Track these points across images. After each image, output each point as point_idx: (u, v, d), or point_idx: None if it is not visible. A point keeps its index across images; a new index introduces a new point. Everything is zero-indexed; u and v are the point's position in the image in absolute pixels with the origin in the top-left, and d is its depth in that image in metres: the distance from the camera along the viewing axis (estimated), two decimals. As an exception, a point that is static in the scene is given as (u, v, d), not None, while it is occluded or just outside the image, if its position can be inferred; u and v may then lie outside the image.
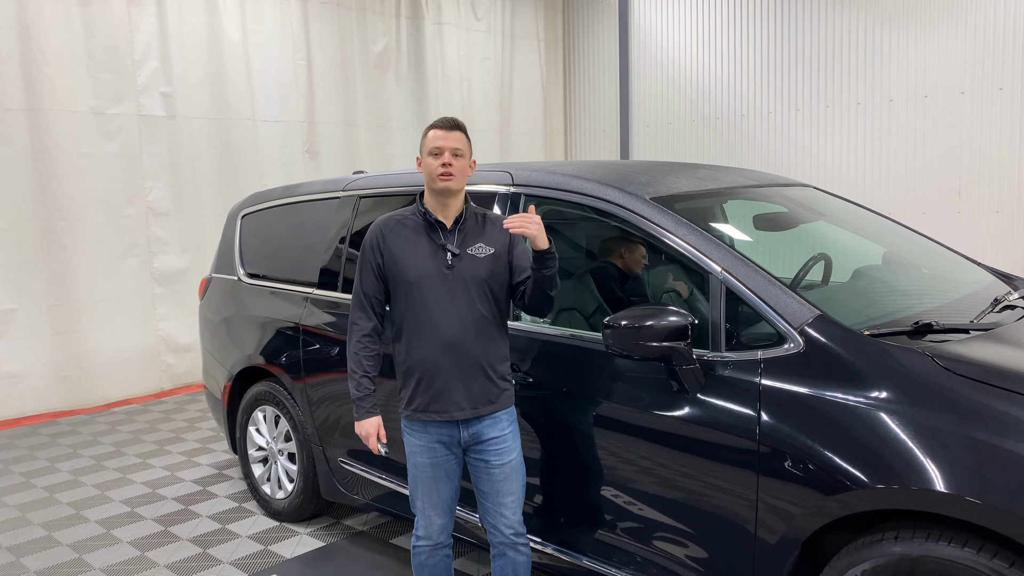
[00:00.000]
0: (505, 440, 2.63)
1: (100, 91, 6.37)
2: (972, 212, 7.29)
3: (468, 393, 2.57)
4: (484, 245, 2.61)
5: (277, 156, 7.52)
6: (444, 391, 2.56)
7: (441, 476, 2.64)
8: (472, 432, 2.60)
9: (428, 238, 2.61)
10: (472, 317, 2.56)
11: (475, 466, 2.66)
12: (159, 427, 5.85)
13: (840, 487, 2.12)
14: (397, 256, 2.60)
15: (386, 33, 8.40)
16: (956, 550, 1.95)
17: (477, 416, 2.58)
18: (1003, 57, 6.98)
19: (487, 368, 2.59)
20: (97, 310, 6.46)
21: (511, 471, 2.64)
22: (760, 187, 3.36)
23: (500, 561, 2.69)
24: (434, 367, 2.55)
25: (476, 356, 2.57)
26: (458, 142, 2.58)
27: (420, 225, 2.63)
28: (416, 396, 2.60)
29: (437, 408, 2.57)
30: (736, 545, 2.37)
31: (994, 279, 3.25)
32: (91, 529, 4.09)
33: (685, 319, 2.37)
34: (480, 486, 2.67)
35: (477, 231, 2.64)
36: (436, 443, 2.62)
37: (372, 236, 2.67)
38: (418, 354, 2.57)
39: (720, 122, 8.89)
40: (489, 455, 2.62)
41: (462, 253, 2.59)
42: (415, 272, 2.57)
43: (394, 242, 2.62)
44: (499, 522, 2.65)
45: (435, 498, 2.66)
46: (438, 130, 2.59)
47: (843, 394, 2.19)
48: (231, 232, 4.59)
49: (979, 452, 1.96)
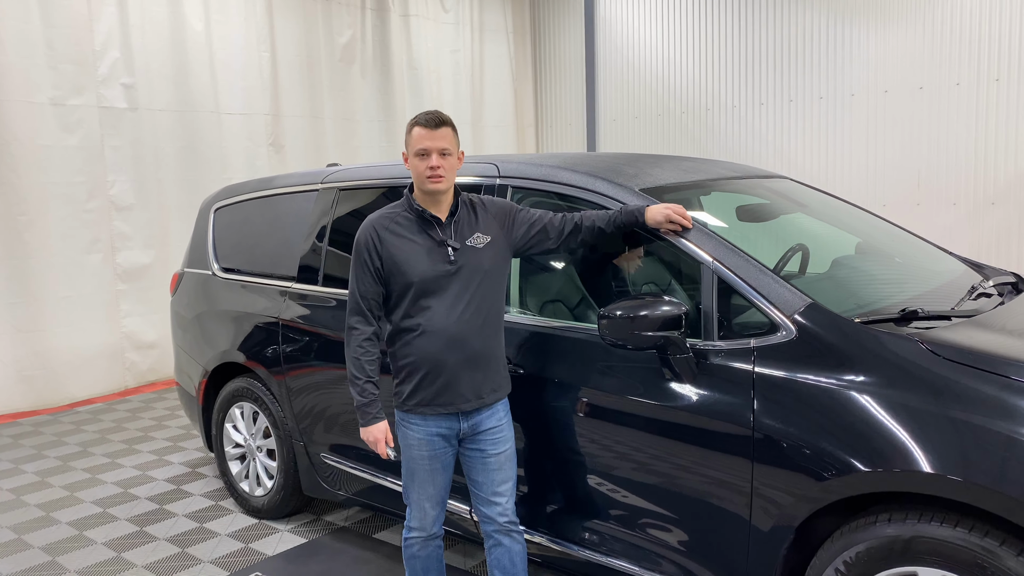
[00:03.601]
0: (502, 430, 2.64)
1: (60, 82, 6.19)
2: (930, 204, 7.48)
3: (473, 384, 2.56)
4: (481, 234, 2.60)
5: (241, 149, 7.40)
6: (450, 385, 2.54)
7: (438, 468, 2.63)
8: (472, 423, 2.60)
9: (426, 235, 2.56)
10: (477, 309, 2.55)
11: (470, 456, 2.65)
12: (126, 426, 5.73)
13: (833, 472, 2.16)
14: (397, 257, 2.54)
15: (351, 25, 8.31)
16: (948, 530, 2.01)
17: (481, 407, 2.58)
18: (959, 54, 7.17)
19: (491, 358, 2.59)
20: (59, 307, 6.29)
21: (505, 460, 2.65)
22: (741, 179, 3.41)
23: (497, 551, 2.69)
24: (440, 362, 2.52)
25: (481, 348, 2.55)
26: (444, 140, 2.51)
27: (414, 222, 2.58)
28: (420, 390, 2.56)
29: (443, 401, 2.55)
30: (731, 532, 2.40)
31: (966, 268, 3.34)
32: (63, 531, 3.99)
33: (679, 308, 2.40)
34: (474, 476, 2.66)
35: (471, 221, 2.62)
36: (435, 436, 2.60)
37: (366, 237, 2.59)
38: (423, 350, 2.53)
39: (685, 116, 8.98)
40: (485, 444, 2.62)
41: (462, 246, 2.56)
42: (418, 272, 2.52)
43: (391, 242, 2.56)
44: (493, 510, 2.65)
45: (431, 490, 2.65)
46: (422, 128, 2.52)
47: (836, 380, 2.23)
48: (204, 226, 4.50)
49: (966, 433, 2.01)
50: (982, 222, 7.25)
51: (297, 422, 3.74)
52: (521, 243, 2.69)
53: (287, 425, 3.79)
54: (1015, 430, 1.97)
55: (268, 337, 3.84)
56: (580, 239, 2.69)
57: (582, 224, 2.67)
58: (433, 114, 2.55)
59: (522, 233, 2.67)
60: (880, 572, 2.12)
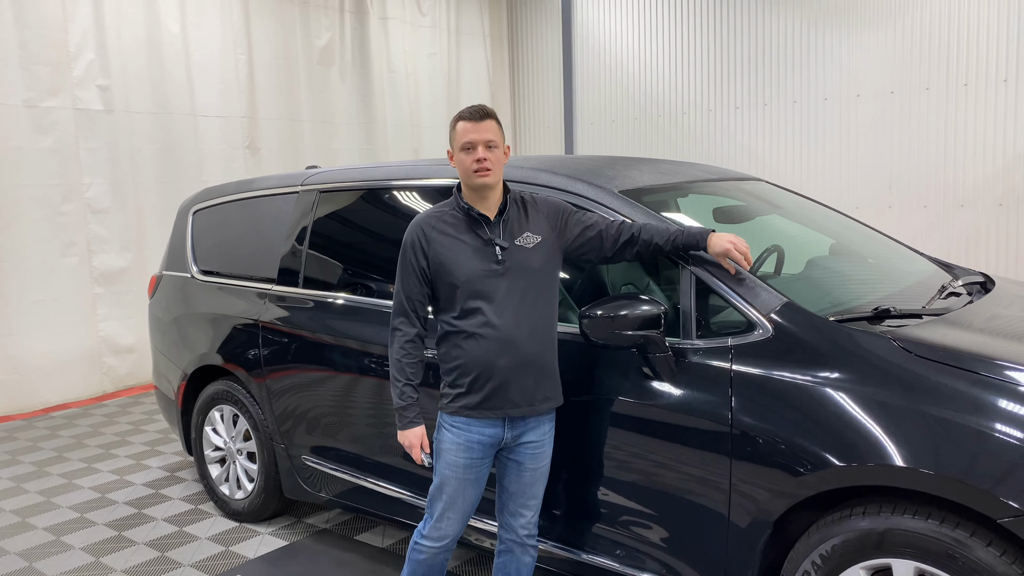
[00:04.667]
0: (544, 444, 2.57)
1: (33, 84, 6.13)
2: (902, 206, 7.62)
3: (524, 390, 2.47)
4: (531, 234, 2.51)
5: (218, 151, 7.36)
6: (500, 389, 2.45)
7: (471, 479, 2.54)
8: (516, 432, 2.52)
9: (474, 234, 2.48)
10: (527, 311, 2.46)
11: (506, 465, 2.59)
12: (103, 431, 5.68)
13: (809, 467, 2.21)
14: (444, 257, 2.47)
15: (330, 28, 8.30)
16: (920, 522, 2.06)
17: (530, 414, 2.50)
18: (929, 59, 7.31)
19: (544, 364, 2.51)
20: (33, 311, 6.22)
21: (541, 475, 2.60)
22: (718, 181, 3.47)
23: (505, 557, 2.67)
24: (491, 365, 2.44)
25: (532, 352, 2.47)
26: (490, 132, 2.44)
27: (462, 221, 2.50)
28: (469, 394, 2.47)
29: (491, 405, 2.46)
30: (711, 528, 2.44)
31: (936, 268, 3.42)
32: (40, 536, 3.95)
33: (658, 308, 2.44)
34: (506, 484, 2.61)
35: (521, 219, 2.53)
36: (475, 443, 2.50)
37: (413, 237, 2.51)
38: (473, 353, 2.45)
39: (662, 119, 9.06)
40: (525, 457, 2.56)
41: (511, 246, 2.48)
42: (465, 272, 2.44)
43: (438, 241, 2.48)
44: (517, 522, 2.61)
45: (459, 502, 2.55)
46: (466, 122, 2.45)
47: (811, 377, 2.28)
48: (182, 228, 4.48)
49: (938, 427, 2.07)
50: (952, 224, 7.40)
51: (278, 424, 3.73)
52: (573, 246, 2.60)
53: (267, 427, 3.79)
54: (984, 424, 2.03)
55: (248, 339, 3.84)
56: (636, 251, 2.58)
57: (639, 237, 2.56)
58: (477, 107, 2.48)
59: (575, 235, 2.58)
60: (855, 564, 2.17)
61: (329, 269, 3.62)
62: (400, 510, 3.29)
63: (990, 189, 7.18)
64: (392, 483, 3.30)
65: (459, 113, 2.49)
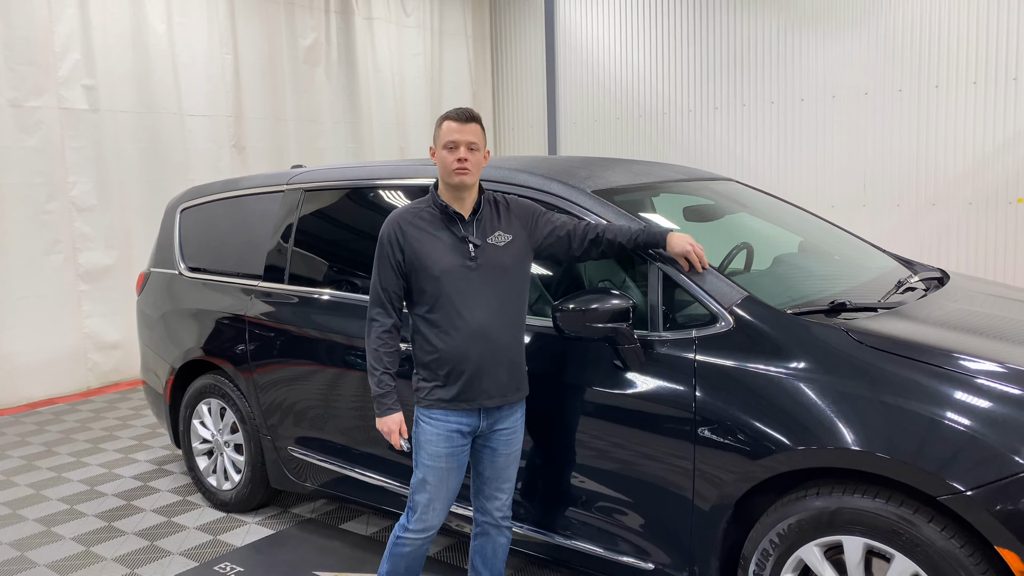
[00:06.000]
0: (516, 430, 2.70)
1: (19, 83, 6.19)
2: (876, 205, 7.81)
3: (498, 382, 2.59)
4: (503, 233, 2.63)
5: (204, 151, 7.43)
6: (474, 381, 2.57)
7: (453, 467, 2.65)
8: (491, 421, 2.64)
9: (449, 231, 2.59)
10: (499, 306, 2.58)
11: (481, 452, 2.70)
12: (90, 426, 5.75)
13: (766, 451, 2.35)
14: (419, 251, 2.57)
15: (315, 28, 8.39)
16: (868, 501, 2.21)
17: (504, 404, 2.63)
18: (902, 61, 7.49)
19: (514, 356, 2.64)
20: (18, 308, 6.29)
21: (514, 459, 2.72)
22: (689, 181, 3.60)
23: (481, 540, 2.80)
24: (464, 358, 2.55)
25: (504, 345, 2.59)
26: (473, 135, 2.56)
27: (438, 218, 2.61)
28: (444, 386, 2.59)
29: (466, 397, 2.58)
30: (676, 511, 2.58)
31: (897, 264, 3.58)
32: (30, 527, 4.04)
33: (626, 302, 2.57)
34: (481, 470, 2.72)
35: (494, 219, 2.66)
36: (455, 432, 2.61)
37: (390, 231, 2.62)
38: (447, 345, 2.56)
39: (643, 120, 9.21)
40: (499, 443, 2.68)
41: (484, 244, 2.60)
42: (439, 266, 2.55)
43: (414, 236, 2.59)
44: (493, 504, 2.74)
45: (442, 491, 2.66)
46: (453, 122, 2.56)
47: (768, 366, 2.42)
48: (170, 226, 4.57)
49: (887, 414, 2.21)
50: (924, 222, 7.59)
51: (264, 417, 3.84)
52: (543, 245, 2.72)
53: (254, 420, 3.90)
54: (930, 410, 2.17)
55: (235, 334, 3.94)
56: (600, 250, 2.73)
57: (604, 236, 2.70)
58: (464, 110, 2.60)
59: (545, 235, 2.71)
60: (810, 542, 2.31)
61: (314, 266, 3.73)
62: (384, 498, 3.41)
63: (960, 188, 7.37)
64: (376, 472, 3.42)
65: (446, 113, 2.61)
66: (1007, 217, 7.21)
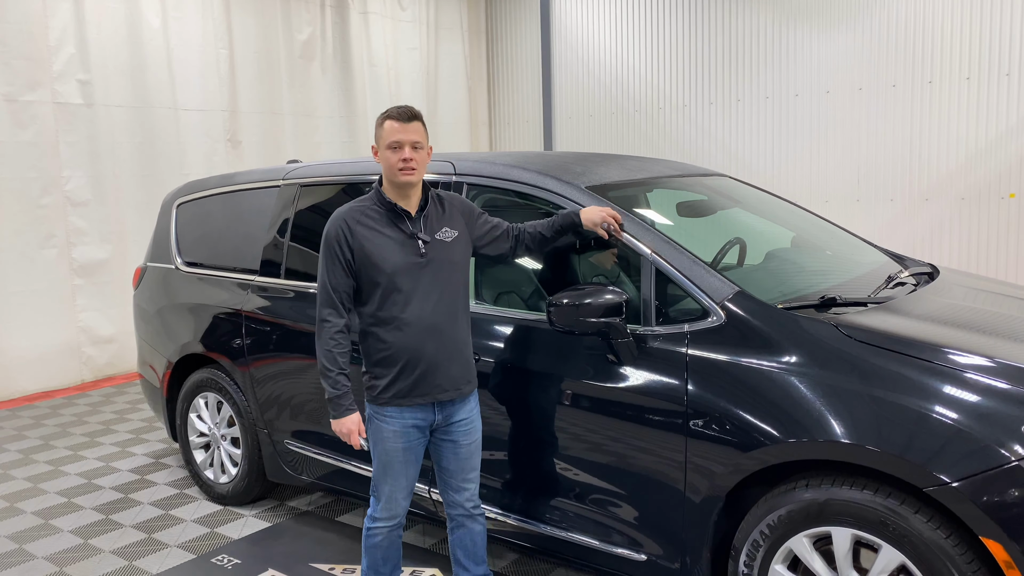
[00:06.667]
0: (472, 420, 2.74)
1: (13, 78, 6.19)
2: (870, 200, 7.85)
3: (450, 376, 2.63)
4: (449, 229, 2.68)
5: (199, 145, 7.44)
6: (427, 375, 2.60)
7: (411, 460, 2.70)
8: (445, 414, 2.68)
9: (396, 228, 2.61)
10: (449, 301, 2.63)
11: (441, 446, 2.74)
12: (87, 419, 5.77)
13: (757, 444, 2.39)
14: (368, 249, 2.58)
15: (311, 22, 8.39)
16: (856, 492, 2.24)
17: (457, 397, 2.66)
18: (896, 57, 7.53)
19: (463, 349, 2.68)
20: (12, 302, 6.31)
21: (475, 449, 2.76)
22: (682, 176, 3.63)
23: (459, 532, 2.83)
24: (418, 353, 2.58)
25: (454, 338, 2.64)
26: (416, 133, 2.57)
27: (384, 215, 2.62)
28: (397, 382, 2.61)
29: (420, 392, 2.61)
30: (668, 503, 2.62)
31: (888, 259, 3.61)
32: (28, 520, 4.06)
33: (620, 297, 2.60)
34: (445, 464, 2.76)
35: (440, 215, 2.69)
36: (411, 427, 2.65)
37: (337, 230, 2.61)
38: (400, 342, 2.58)
39: (638, 115, 9.24)
40: (457, 435, 2.71)
41: (432, 240, 2.62)
42: (390, 264, 2.57)
43: (363, 235, 2.59)
44: (461, 496, 2.78)
45: (403, 482, 2.71)
46: (394, 122, 2.56)
47: (759, 360, 2.46)
48: (166, 221, 4.59)
49: (876, 407, 2.25)
50: (917, 217, 7.63)
51: (261, 410, 3.87)
52: (481, 243, 2.78)
53: (251, 413, 3.92)
54: (917, 403, 2.21)
55: (232, 329, 3.96)
56: (525, 247, 2.85)
57: (526, 231, 2.83)
58: (405, 108, 2.60)
59: (484, 233, 2.77)
60: (799, 533, 2.35)
61: (310, 260, 3.76)
62: (379, 491, 3.43)
63: (953, 184, 7.42)
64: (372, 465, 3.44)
65: (386, 112, 2.61)
66: (999, 212, 7.26)
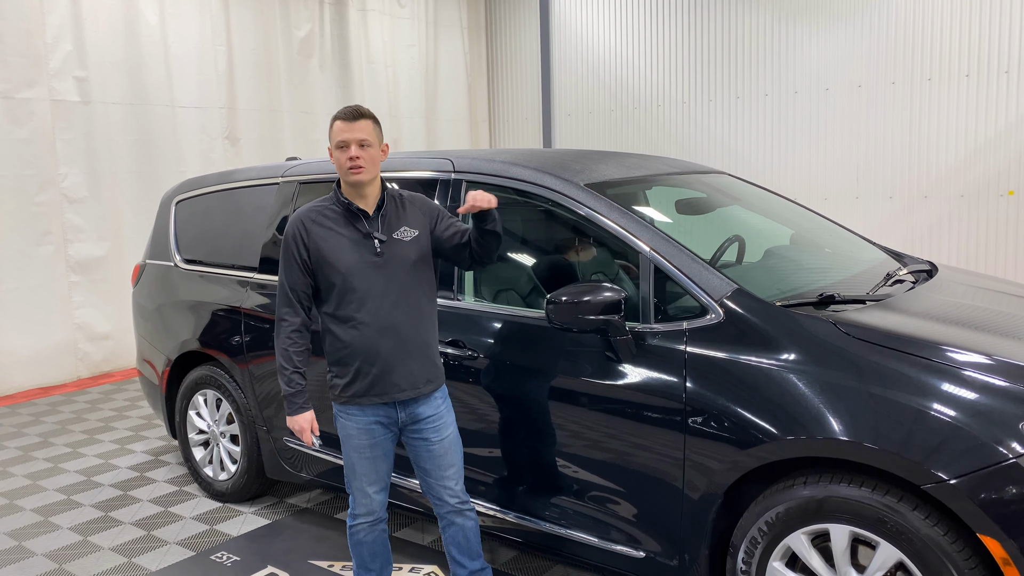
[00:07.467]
0: (441, 416, 2.73)
1: (10, 75, 6.19)
2: (868, 197, 7.86)
3: (408, 374, 2.63)
4: (407, 228, 2.67)
5: (196, 142, 7.44)
6: (384, 374, 2.61)
7: (379, 455, 2.71)
8: (409, 412, 2.69)
9: (353, 227, 2.62)
10: (406, 300, 2.63)
11: (414, 445, 2.74)
12: (86, 417, 5.77)
13: (755, 441, 2.39)
14: (324, 249, 2.60)
15: (309, 19, 8.38)
16: (854, 490, 2.25)
17: (416, 396, 2.66)
18: (895, 54, 7.53)
19: (424, 348, 2.67)
20: (8, 299, 6.31)
21: (449, 445, 2.75)
22: (681, 174, 3.63)
23: (451, 529, 2.83)
24: (374, 352, 2.59)
25: (414, 337, 2.64)
26: (363, 132, 2.57)
27: (341, 215, 2.64)
28: (355, 381, 2.63)
29: (378, 391, 2.62)
30: (667, 500, 2.62)
31: (887, 257, 3.62)
32: (28, 517, 4.07)
33: (618, 294, 2.60)
34: (421, 463, 2.76)
35: (399, 215, 2.69)
36: (374, 424, 2.67)
37: (294, 230, 2.64)
38: (356, 341, 2.60)
39: (638, 112, 9.23)
40: (428, 433, 2.71)
41: (389, 239, 2.63)
42: (345, 263, 2.59)
43: (319, 235, 2.61)
44: (444, 494, 2.77)
45: (373, 476, 2.72)
46: (341, 121, 2.58)
47: (758, 358, 2.46)
48: (165, 218, 4.59)
49: (874, 404, 2.25)
50: (916, 214, 7.64)
51: (260, 408, 3.87)
52: (444, 245, 2.72)
53: (250, 411, 3.93)
54: (915, 401, 2.21)
55: (231, 326, 3.96)
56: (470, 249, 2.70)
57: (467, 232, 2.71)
58: (353, 108, 2.61)
59: (447, 236, 2.72)
60: (797, 530, 2.36)
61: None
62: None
63: (952, 181, 7.42)
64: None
65: (336, 113, 2.63)
66: (998, 209, 7.27)
